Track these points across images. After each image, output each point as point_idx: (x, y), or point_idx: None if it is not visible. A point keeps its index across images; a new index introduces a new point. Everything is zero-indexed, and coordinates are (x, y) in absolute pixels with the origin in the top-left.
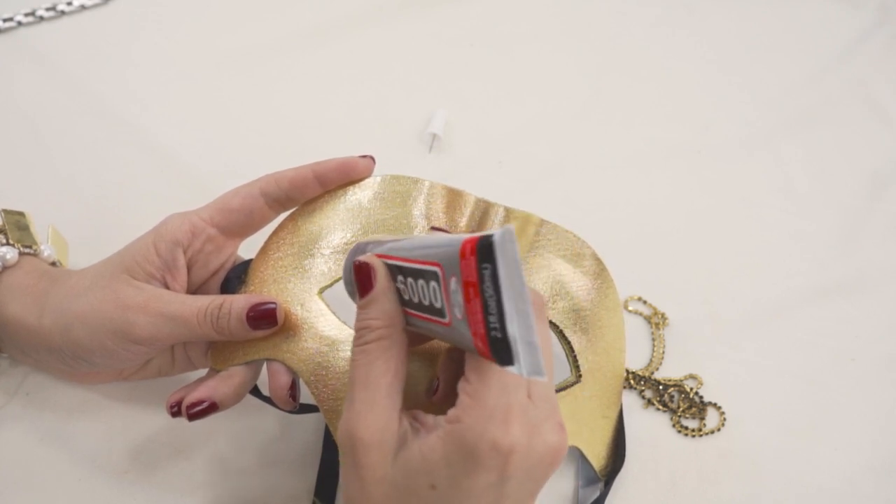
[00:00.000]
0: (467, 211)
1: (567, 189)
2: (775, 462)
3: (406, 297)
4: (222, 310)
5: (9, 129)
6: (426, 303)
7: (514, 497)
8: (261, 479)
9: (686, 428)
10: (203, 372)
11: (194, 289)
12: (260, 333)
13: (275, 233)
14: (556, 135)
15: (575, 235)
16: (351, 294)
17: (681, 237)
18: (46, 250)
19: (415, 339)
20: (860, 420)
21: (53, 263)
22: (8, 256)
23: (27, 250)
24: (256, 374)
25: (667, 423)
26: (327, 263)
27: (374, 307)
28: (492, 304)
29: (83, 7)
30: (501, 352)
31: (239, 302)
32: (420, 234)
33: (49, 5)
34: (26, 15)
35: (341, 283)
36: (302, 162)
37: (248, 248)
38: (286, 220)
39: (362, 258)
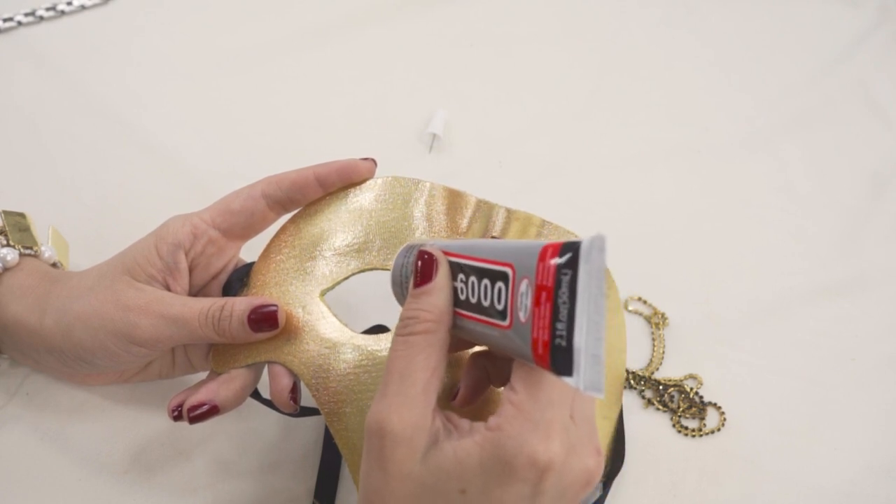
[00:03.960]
0: (468, 212)
1: (567, 189)
2: (775, 462)
3: (462, 297)
4: (224, 312)
5: (9, 129)
6: (486, 304)
7: None
8: (261, 481)
9: (686, 428)
10: (203, 374)
11: (196, 291)
12: (261, 336)
13: (276, 235)
14: (556, 135)
15: (576, 236)
16: (398, 296)
17: (681, 237)
18: (47, 251)
19: (454, 347)
20: (860, 420)
21: (54, 264)
22: (9, 258)
23: (28, 251)
24: (258, 376)
25: (667, 423)
26: (329, 266)
27: (428, 299)
28: (563, 310)
29: (83, 7)
30: (561, 361)
31: (240, 304)
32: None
33: (49, 5)
34: (26, 15)
35: (343, 285)
36: (302, 162)
37: (249, 251)
38: (288, 222)
39: (428, 248)
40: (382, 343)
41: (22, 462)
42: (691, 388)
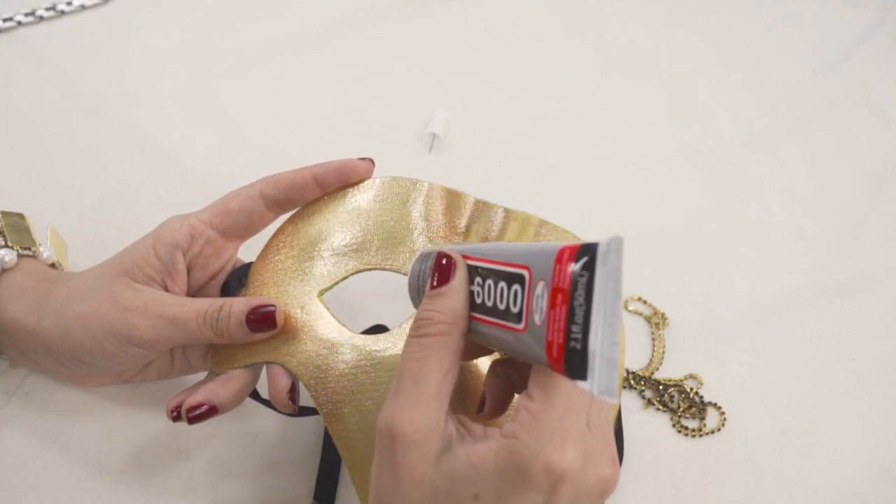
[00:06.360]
0: (466, 212)
1: (567, 189)
2: (775, 462)
3: (478, 301)
4: (222, 312)
5: (8, 129)
6: (502, 307)
7: None
8: (260, 482)
9: (686, 428)
10: (202, 375)
11: (194, 291)
12: (259, 336)
13: (275, 235)
14: (556, 135)
15: (575, 236)
16: (415, 301)
17: (681, 237)
18: (45, 252)
19: (469, 353)
20: (860, 420)
21: (53, 265)
22: (7, 259)
23: (26, 252)
24: (256, 377)
25: (667, 423)
26: (327, 266)
27: (444, 301)
28: (579, 313)
29: (83, 7)
30: (576, 364)
31: (238, 305)
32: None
33: (49, 5)
34: (26, 15)
35: (341, 285)
36: (302, 163)
37: (248, 251)
38: (286, 222)
39: (447, 251)
40: (381, 343)
41: (22, 462)
42: (691, 388)
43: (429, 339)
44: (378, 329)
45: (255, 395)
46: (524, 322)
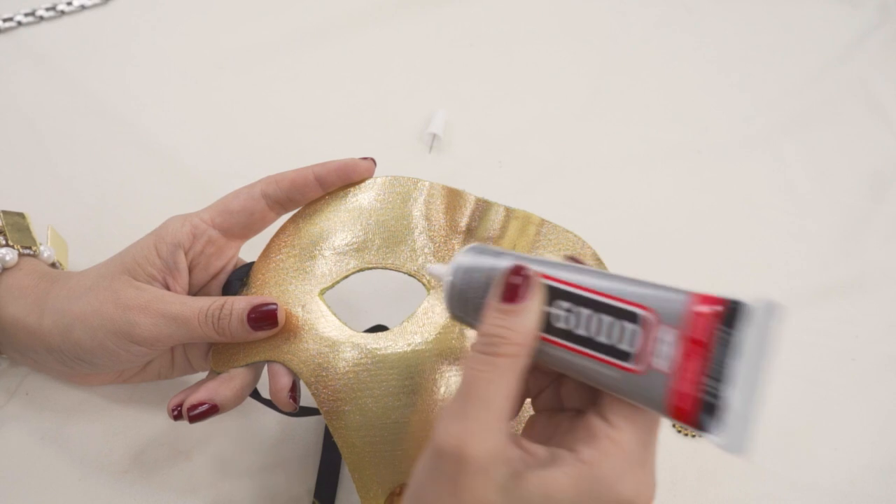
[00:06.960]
0: (467, 211)
1: (567, 189)
2: (775, 462)
3: (561, 326)
4: (223, 311)
5: (8, 129)
6: (603, 340)
7: None
8: (261, 481)
9: (686, 428)
10: (203, 375)
11: (196, 290)
12: (261, 335)
13: (276, 235)
14: (556, 135)
15: (575, 235)
16: (456, 304)
17: (681, 237)
18: (46, 251)
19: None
20: (860, 420)
21: (53, 264)
22: (7, 258)
23: (26, 251)
24: (257, 376)
25: (666, 422)
26: (328, 265)
27: (521, 319)
28: (717, 368)
29: (83, 7)
30: (705, 416)
31: (240, 303)
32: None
33: (49, 5)
34: (26, 15)
35: (343, 284)
36: (302, 162)
37: (249, 251)
38: (287, 222)
39: (524, 264)
40: (382, 342)
41: (22, 462)
42: None
43: (501, 359)
44: (378, 329)
45: (255, 394)
46: (642, 364)
